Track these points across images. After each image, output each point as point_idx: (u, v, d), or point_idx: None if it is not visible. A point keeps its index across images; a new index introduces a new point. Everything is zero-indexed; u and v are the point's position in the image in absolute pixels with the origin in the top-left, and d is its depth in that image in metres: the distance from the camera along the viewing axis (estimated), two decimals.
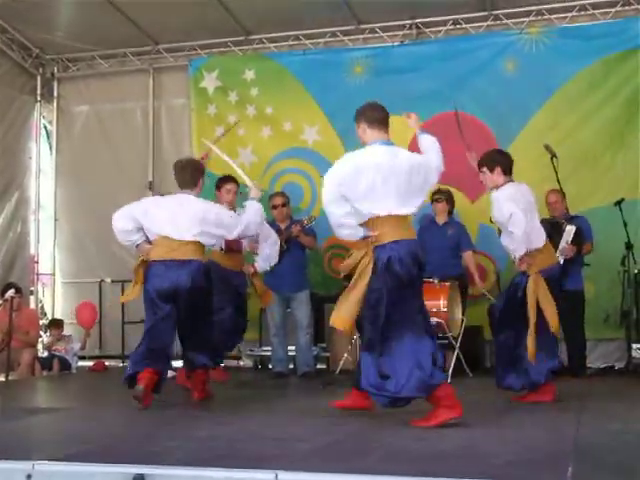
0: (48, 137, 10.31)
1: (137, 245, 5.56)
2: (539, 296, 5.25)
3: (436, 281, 6.89)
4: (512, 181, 5.48)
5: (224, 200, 6.84)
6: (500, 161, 5.49)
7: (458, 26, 8.81)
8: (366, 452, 3.60)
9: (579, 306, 7.15)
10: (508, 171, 5.48)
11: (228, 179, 6.95)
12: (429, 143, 4.87)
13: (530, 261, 5.29)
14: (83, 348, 8.88)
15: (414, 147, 5.04)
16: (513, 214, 5.17)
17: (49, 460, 3.30)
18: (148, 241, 5.52)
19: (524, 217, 5.20)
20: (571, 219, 7.15)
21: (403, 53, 8.79)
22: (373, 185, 4.45)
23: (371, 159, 4.53)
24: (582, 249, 7.07)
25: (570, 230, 6.93)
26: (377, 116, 4.69)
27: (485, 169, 5.50)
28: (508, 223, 5.22)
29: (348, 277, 4.78)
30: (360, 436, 4.16)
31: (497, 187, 5.43)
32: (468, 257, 7.50)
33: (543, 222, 7.12)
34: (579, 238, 6.99)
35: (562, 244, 6.92)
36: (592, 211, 7.64)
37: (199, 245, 5.49)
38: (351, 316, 4.52)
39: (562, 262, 6.90)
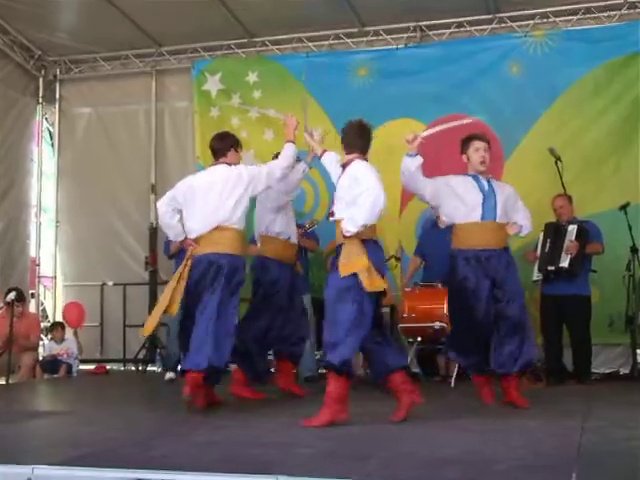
0: (50, 139, 10.29)
1: None
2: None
3: (439, 285, 6.85)
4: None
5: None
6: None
7: (462, 29, 8.79)
8: (368, 457, 3.56)
9: (585, 311, 7.10)
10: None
11: None
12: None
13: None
14: (80, 352, 8.86)
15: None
16: None
17: (49, 464, 3.26)
18: None
19: None
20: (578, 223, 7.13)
21: (407, 56, 8.75)
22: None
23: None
24: (586, 247, 7.04)
25: (572, 229, 7.00)
26: (214, 147, 5.66)
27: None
28: None
29: None
30: (362, 440, 4.13)
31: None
32: None
33: (547, 225, 7.16)
34: (584, 237, 6.99)
35: (566, 242, 6.96)
36: (597, 215, 7.57)
37: None
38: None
39: (567, 265, 6.94)
